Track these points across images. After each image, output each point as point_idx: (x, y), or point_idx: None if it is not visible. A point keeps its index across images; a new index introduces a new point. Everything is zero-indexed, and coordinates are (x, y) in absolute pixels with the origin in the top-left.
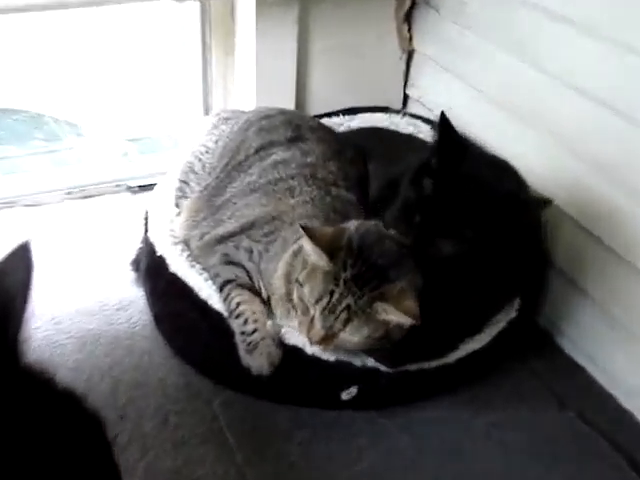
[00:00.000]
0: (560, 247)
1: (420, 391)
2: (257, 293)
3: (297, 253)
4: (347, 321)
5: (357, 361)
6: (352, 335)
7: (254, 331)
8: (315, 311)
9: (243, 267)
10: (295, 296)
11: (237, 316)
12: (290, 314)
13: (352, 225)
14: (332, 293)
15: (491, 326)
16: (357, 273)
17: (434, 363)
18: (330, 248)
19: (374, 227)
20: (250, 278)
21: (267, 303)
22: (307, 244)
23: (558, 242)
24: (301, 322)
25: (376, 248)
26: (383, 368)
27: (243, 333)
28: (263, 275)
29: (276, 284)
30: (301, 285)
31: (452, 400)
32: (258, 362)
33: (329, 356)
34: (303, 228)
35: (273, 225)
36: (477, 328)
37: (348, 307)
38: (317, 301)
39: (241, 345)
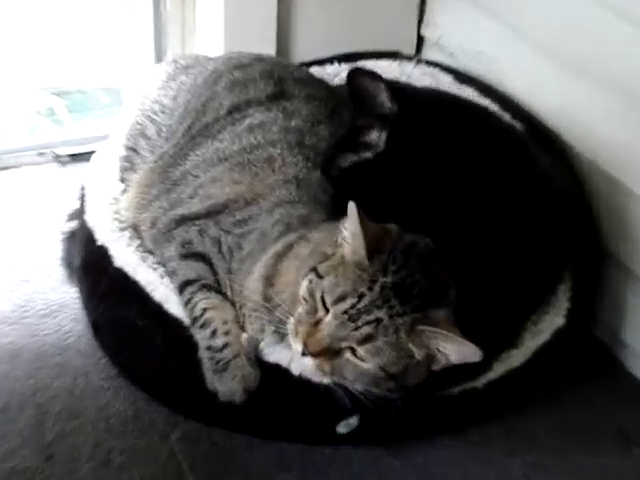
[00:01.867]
0: (620, 231)
1: (439, 423)
2: (226, 298)
3: (282, 255)
4: (368, 338)
5: (356, 385)
6: (364, 359)
7: (225, 346)
8: (329, 313)
9: (209, 262)
10: (303, 289)
11: (203, 326)
12: (266, 330)
13: (395, 229)
14: (361, 297)
15: (530, 338)
16: (400, 283)
17: (457, 387)
18: (370, 245)
19: (423, 242)
20: (217, 279)
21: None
22: (354, 225)
23: (617, 224)
24: (300, 322)
25: (423, 264)
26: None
27: (210, 348)
28: (234, 277)
29: (250, 289)
30: (319, 277)
31: (480, 435)
32: (229, 386)
33: (321, 378)
34: (354, 207)
35: (247, 212)
36: (511, 340)
37: (377, 321)
38: (337, 301)
39: (207, 363)
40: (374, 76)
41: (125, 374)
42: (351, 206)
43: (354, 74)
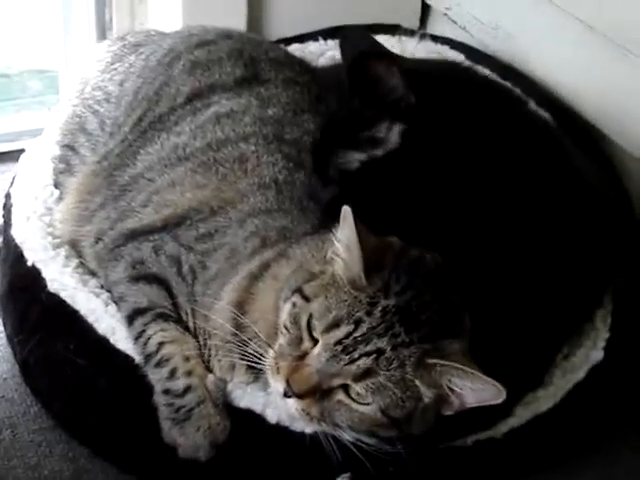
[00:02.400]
0: None
1: None
2: (187, 329)
3: (257, 276)
4: (367, 374)
5: (345, 435)
6: (362, 400)
7: (186, 390)
8: (318, 344)
9: (166, 286)
10: (284, 315)
11: (158, 364)
12: (236, 369)
13: (398, 242)
14: (358, 323)
15: (561, 375)
16: (405, 307)
17: (472, 438)
18: (369, 260)
19: (432, 258)
20: (175, 306)
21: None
22: (349, 234)
23: None
24: (281, 355)
25: (433, 285)
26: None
27: (168, 392)
28: (197, 303)
29: (218, 318)
30: (306, 299)
31: None
32: (192, 439)
33: (305, 426)
34: (349, 212)
35: (213, 224)
36: (538, 378)
37: (378, 352)
38: (329, 328)
39: (165, 411)
40: (388, 58)
41: (62, 425)
42: (345, 211)
43: (362, 57)
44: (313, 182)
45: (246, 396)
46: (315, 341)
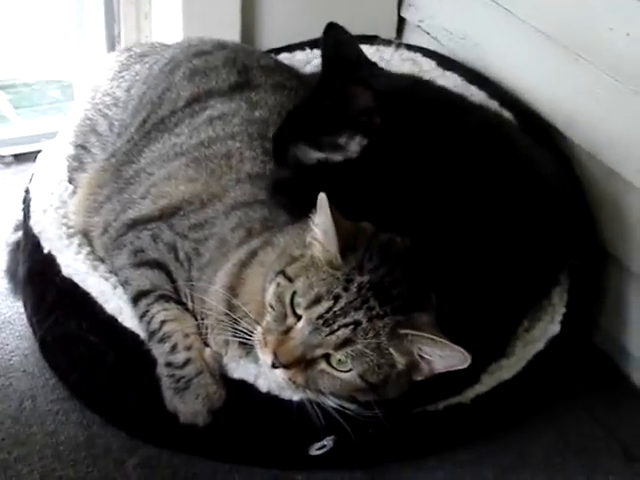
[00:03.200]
0: (621, 228)
1: (424, 442)
2: (186, 309)
3: (246, 263)
4: (346, 342)
5: (328, 402)
6: (342, 367)
7: (186, 362)
8: (302, 319)
9: (165, 270)
10: (270, 294)
11: (161, 340)
12: (230, 345)
13: (369, 227)
14: (337, 299)
15: (522, 346)
16: (378, 282)
17: (443, 403)
18: (344, 243)
19: (401, 240)
20: (175, 288)
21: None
22: (325, 219)
23: (617, 222)
24: (268, 331)
25: (402, 264)
26: (358, 411)
27: (170, 365)
28: (194, 286)
29: (213, 300)
30: (289, 280)
31: (470, 454)
32: (191, 406)
33: (292, 394)
34: (324, 199)
35: (202, 215)
36: (501, 349)
37: (355, 324)
38: (312, 304)
39: (167, 382)
40: (367, 85)
41: (76, 396)
42: (321, 198)
43: (350, 82)
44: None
45: (240, 368)
46: (298, 317)
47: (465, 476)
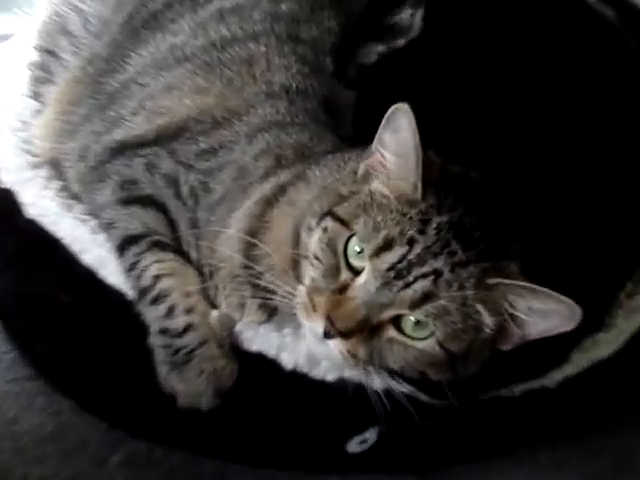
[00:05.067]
0: None
1: (493, 439)
2: (188, 260)
3: (272, 201)
4: (426, 298)
5: (376, 382)
6: (417, 332)
7: (187, 328)
8: (364, 271)
9: (163, 209)
10: (315, 243)
11: (155, 301)
12: (247, 307)
13: (437, 157)
14: (413, 243)
15: (625, 316)
16: (458, 223)
17: (519, 387)
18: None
19: (475, 174)
20: (175, 233)
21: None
22: (406, 136)
23: None
24: (315, 290)
25: (480, 202)
26: (425, 397)
27: (166, 332)
28: (201, 231)
29: (225, 249)
30: (341, 222)
31: (552, 457)
32: (193, 385)
33: (326, 373)
34: (406, 109)
35: (217, 137)
36: (597, 320)
37: (436, 274)
38: (379, 251)
39: (162, 354)
40: None
41: (42, 374)
42: (401, 107)
43: None
44: (331, 88)
45: (258, 338)
46: (354, 271)
47: None
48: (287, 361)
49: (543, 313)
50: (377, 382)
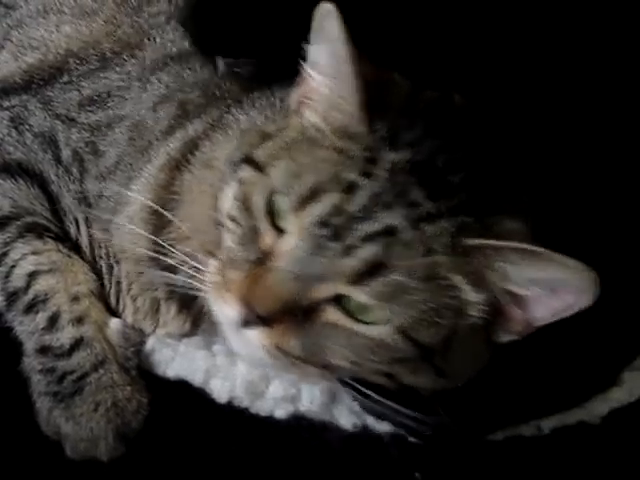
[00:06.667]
0: None
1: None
2: (76, 250)
3: (180, 163)
4: (374, 270)
5: (344, 417)
6: (366, 316)
7: (75, 345)
8: (289, 230)
9: (38, 180)
10: (229, 201)
11: (30, 307)
12: (162, 311)
13: (406, 83)
14: (352, 189)
15: None
16: (424, 162)
17: (548, 422)
18: (366, 97)
19: (458, 98)
20: (56, 212)
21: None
22: (335, 48)
23: None
24: (230, 263)
25: (468, 136)
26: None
27: (47, 351)
28: (91, 210)
29: (127, 233)
30: (260, 169)
31: None
32: (86, 427)
33: (275, 407)
34: (331, 10)
35: (104, 80)
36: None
37: (388, 232)
38: (305, 201)
39: (42, 382)
40: None
41: None
42: (325, 10)
43: None
44: None
45: (178, 358)
46: (281, 231)
47: None
48: (219, 391)
49: (546, 284)
50: (345, 417)
